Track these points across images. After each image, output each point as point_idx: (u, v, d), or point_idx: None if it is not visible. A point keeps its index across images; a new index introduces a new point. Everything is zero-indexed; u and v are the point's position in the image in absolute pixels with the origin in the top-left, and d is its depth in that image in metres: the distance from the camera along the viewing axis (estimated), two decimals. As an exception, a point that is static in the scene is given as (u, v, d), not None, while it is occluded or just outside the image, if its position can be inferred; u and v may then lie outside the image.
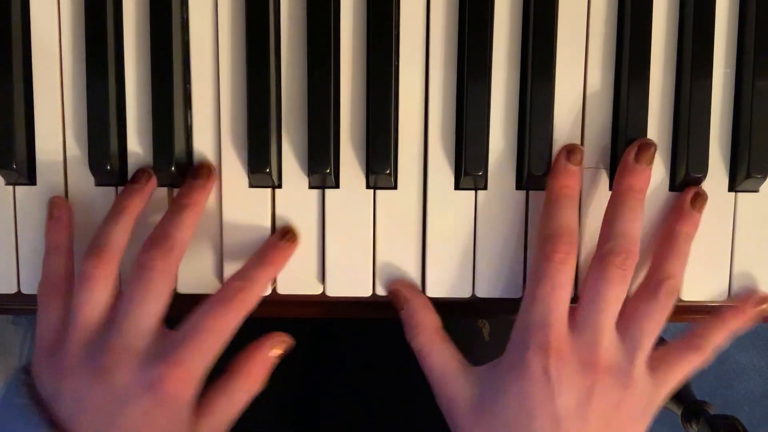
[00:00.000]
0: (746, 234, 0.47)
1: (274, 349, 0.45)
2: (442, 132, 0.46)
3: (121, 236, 0.43)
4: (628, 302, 0.44)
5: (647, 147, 0.45)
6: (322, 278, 0.47)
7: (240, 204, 0.46)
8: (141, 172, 0.45)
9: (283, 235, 0.46)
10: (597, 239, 0.46)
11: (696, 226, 0.46)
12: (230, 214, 0.47)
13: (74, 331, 0.42)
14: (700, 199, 0.46)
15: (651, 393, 0.44)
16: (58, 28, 0.46)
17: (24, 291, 0.47)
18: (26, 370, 0.44)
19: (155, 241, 0.43)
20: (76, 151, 0.46)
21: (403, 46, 0.46)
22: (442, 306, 0.47)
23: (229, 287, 0.44)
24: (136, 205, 0.44)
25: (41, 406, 0.41)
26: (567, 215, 0.44)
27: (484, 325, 0.61)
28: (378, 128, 0.45)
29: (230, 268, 0.47)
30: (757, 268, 0.47)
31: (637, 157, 0.44)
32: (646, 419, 0.44)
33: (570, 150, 0.45)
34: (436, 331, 0.46)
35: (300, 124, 0.46)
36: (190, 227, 0.44)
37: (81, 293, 0.42)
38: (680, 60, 0.46)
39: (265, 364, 0.45)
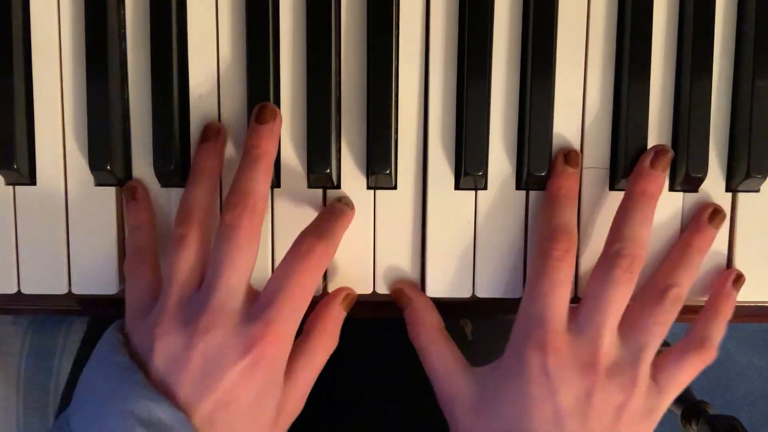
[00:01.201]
0: (746, 234, 0.47)
1: (344, 302, 0.46)
2: (442, 132, 0.46)
3: (204, 197, 0.44)
4: (631, 306, 0.44)
5: (664, 153, 0.45)
6: (323, 278, 0.47)
7: (240, 204, 0.46)
8: (209, 128, 0.45)
9: (339, 200, 0.46)
10: (596, 239, 0.46)
11: (710, 241, 0.46)
12: (230, 214, 0.47)
13: (170, 291, 0.42)
14: (718, 216, 0.46)
15: (655, 399, 0.44)
16: (58, 28, 0.46)
17: (24, 291, 0.47)
18: (119, 330, 0.44)
19: (237, 198, 0.42)
20: (76, 151, 0.46)
21: (403, 46, 0.46)
22: (442, 306, 0.47)
23: (305, 242, 0.43)
24: (213, 165, 0.45)
25: (132, 365, 0.41)
26: (565, 215, 0.44)
27: (466, 324, 0.61)
28: (378, 128, 0.45)
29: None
30: (757, 268, 0.47)
31: (653, 163, 0.45)
32: (649, 425, 0.44)
33: (567, 153, 0.46)
34: (438, 331, 0.46)
35: (300, 124, 0.46)
36: (268, 178, 0.44)
37: (175, 254, 0.43)
38: (680, 60, 0.46)
39: (339, 319, 0.46)
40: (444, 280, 0.47)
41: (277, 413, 0.43)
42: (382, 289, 0.47)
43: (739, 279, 0.47)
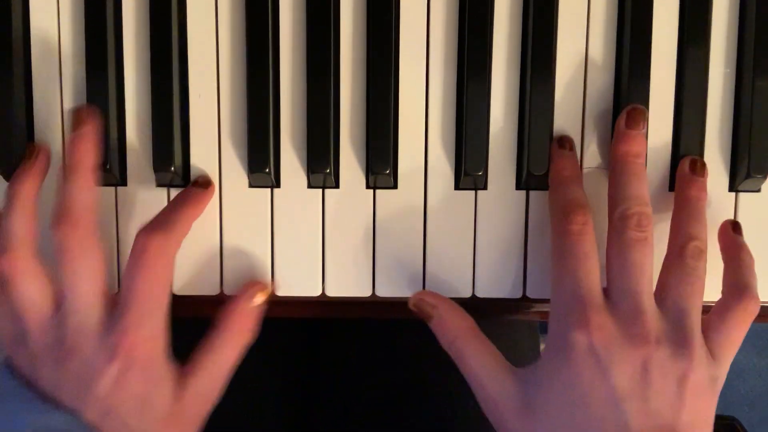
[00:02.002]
0: (746, 234, 0.47)
1: (255, 298, 0.45)
2: (442, 132, 0.46)
3: (24, 226, 0.43)
4: (659, 278, 0.43)
5: (636, 112, 0.44)
6: (322, 278, 0.47)
7: (240, 204, 0.46)
8: (564, 140, 0.45)
9: (194, 183, 0.46)
10: (599, 240, 0.46)
11: (703, 189, 0.44)
12: (230, 214, 0.47)
13: (27, 326, 0.42)
14: (697, 164, 0.45)
15: (713, 366, 0.41)
16: (58, 28, 0.46)
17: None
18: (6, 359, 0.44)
19: (61, 217, 0.42)
20: (76, 151, 0.46)
21: (403, 45, 0.46)
22: (442, 306, 0.47)
23: (138, 240, 0.42)
24: (27, 189, 0.43)
25: (29, 385, 0.42)
26: (573, 191, 0.44)
27: None
28: (378, 128, 0.45)
29: (230, 269, 0.47)
30: (757, 268, 0.47)
31: (628, 123, 0.44)
32: (714, 397, 0.41)
33: (559, 138, 0.46)
34: (472, 332, 0.44)
35: (300, 124, 0.46)
36: (87, 188, 0.43)
37: (11, 293, 0.42)
38: (680, 60, 0.46)
39: (250, 315, 0.45)
40: (444, 280, 0.47)
41: (175, 406, 0.43)
42: (382, 291, 0.47)
43: (736, 226, 0.46)
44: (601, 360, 0.39)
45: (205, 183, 0.46)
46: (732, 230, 0.46)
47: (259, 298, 0.46)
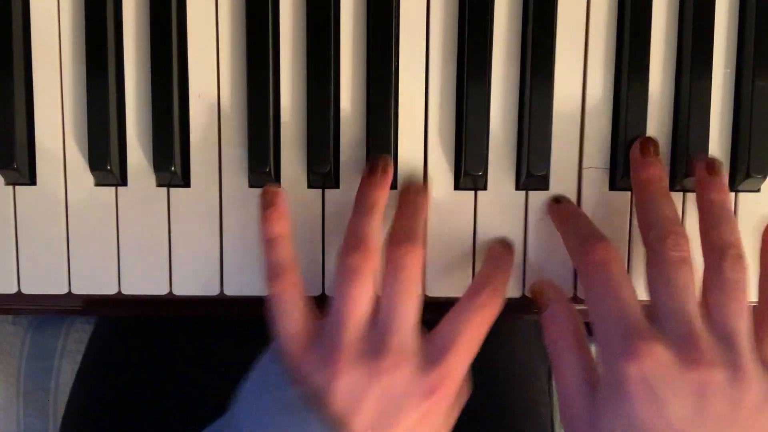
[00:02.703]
0: (746, 234, 0.47)
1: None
2: (442, 132, 0.46)
3: (377, 231, 0.43)
4: (702, 296, 0.41)
5: (647, 142, 0.45)
6: (322, 278, 0.47)
7: (240, 203, 0.46)
8: (376, 162, 0.45)
9: (504, 245, 0.46)
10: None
11: (724, 191, 0.43)
12: (230, 213, 0.47)
13: (346, 326, 0.41)
14: (715, 164, 0.44)
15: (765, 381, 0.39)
16: (58, 28, 0.46)
17: (24, 291, 0.47)
18: (277, 359, 0.42)
19: (403, 237, 0.42)
20: (76, 151, 0.46)
21: (403, 45, 0.46)
22: (442, 306, 0.47)
23: (480, 293, 0.42)
24: (383, 198, 0.44)
25: (308, 401, 0.40)
26: (588, 226, 0.44)
27: None
28: (378, 128, 0.45)
29: (230, 269, 0.47)
30: (757, 268, 0.47)
31: (643, 151, 0.44)
32: None
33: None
34: (576, 338, 0.42)
35: (300, 124, 0.46)
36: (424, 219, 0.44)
37: (352, 288, 0.41)
38: (680, 60, 0.46)
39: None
40: (444, 280, 0.47)
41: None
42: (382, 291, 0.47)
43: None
44: (655, 390, 0.38)
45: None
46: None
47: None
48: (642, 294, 0.42)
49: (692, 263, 0.40)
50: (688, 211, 0.47)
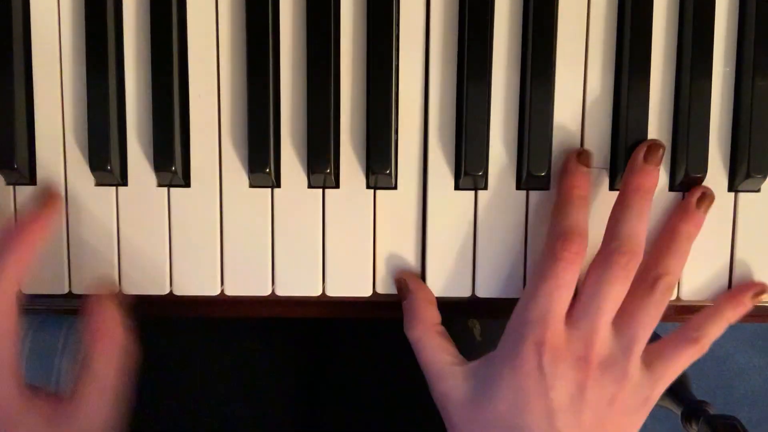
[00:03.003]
0: (746, 234, 0.47)
1: (110, 301, 0.45)
2: (442, 132, 0.46)
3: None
4: (624, 299, 0.44)
5: (656, 148, 0.45)
6: (322, 278, 0.47)
7: (240, 204, 0.46)
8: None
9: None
10: (596, 239, 0.46)
11: (699, 226, 0.45)
12: (230, 214, 0.47)
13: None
14: (706, 199, 0.46)
15: (646, 388, 0.44)
16: (58, 28, 0.46)
17: (25, 291, 0.47)
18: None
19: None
20: (76, 151, 0.46)
21: (403, 45, 0.46)
22: (442, 306, 0.47)
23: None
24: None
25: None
26: (579, 216, 0.44)
27: (474, 325, 0.61)
28: (378, 128, 0.45)
29: (230, 269, 0.47)
30: (757, 268, 0.47)
31: (646, 158, 0.44)
32: (642, 414, 0.44)
33: (579, 153, 0.46)
34: (434, 326, 0.46)
35: (300, 124, 0.46)
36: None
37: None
38: (680, 60, 0.46)
39: (109, 325, 0.44)
40: (444, 280, 0.47)
41: None
42: (382, 291, 0.47)
43: (761, 293, 0.47)
44: (546, 376, 0.42)
45: (46, 200, 0.45)
46: (753, 295, 0.47)
47: (114, 300, 0.44)
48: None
49: (629, 283, 0.43)
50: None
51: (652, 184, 0.45)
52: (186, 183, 0.46)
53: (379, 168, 0.45)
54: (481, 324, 0.61)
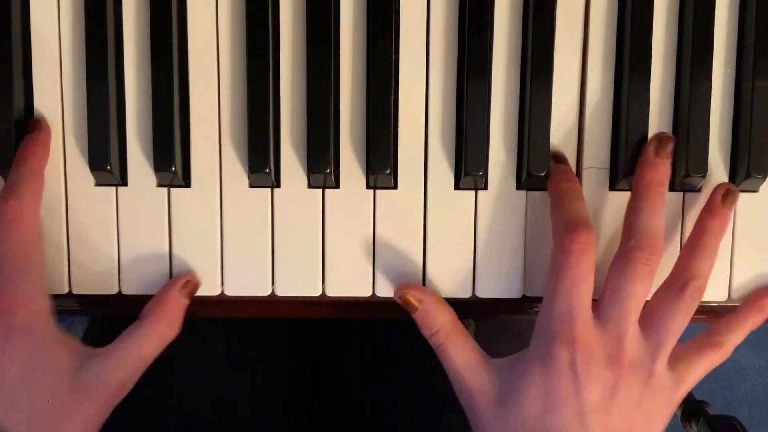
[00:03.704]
0: (746, 234, 0.47)
1: (184, 289, 0.46)
2: (442, 132, 0.46)
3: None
4: (652, 299, 0.44)
5: (667, 140, 0.45)
6: (322, 278, 0.47)
7: (240, 204, 0.46)
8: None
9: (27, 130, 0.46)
10: (599, 241, 0.46)
11: (725, 223, 0.45)
12: (230, 214, 0.47)
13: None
14: (731, 195, 0.45)
15: (671, 390, 0.44)
16: (58, 28, 0.46)
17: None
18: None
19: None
20: (76, 151, 0.46)
21: (403, 45, 0.46)
22: (442, 306, 0.47)
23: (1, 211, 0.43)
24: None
25: None
26: (578, 206, 0.44)
27: (469, 324, 0.61)
28: (378, 128, 0.45)
29: (230, 269, 0.47)
30: (757, 268, 0.47)
31: (658, 151, 0.44)
32: (666, 417, 0.44)
33: (554, 155, 0.46)
34: (453, 326, 0.46)
35: (300, 124, 0.46)
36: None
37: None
38: (680, 60, 0.46)
39: (177, 309, 0.45)
40: (444, 280, 0.47)
41: (70, 385, 0.42)
42: (382, 291, 0.47)
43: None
44: (578, 375, 0.42)
45: (33, 126, 0.45)
46: None
47: (189, 291, 0.46)
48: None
49: (653, 279, 0.43)
50: (686, 211, 0.47)
51: (665, 178, 0.44)
52: (186, 183, 0.46)
53: (379, 168, 0.45)
54: (476, 323, 0.61)
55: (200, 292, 0.47)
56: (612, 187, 0.47)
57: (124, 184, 0.46)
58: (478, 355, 0.45)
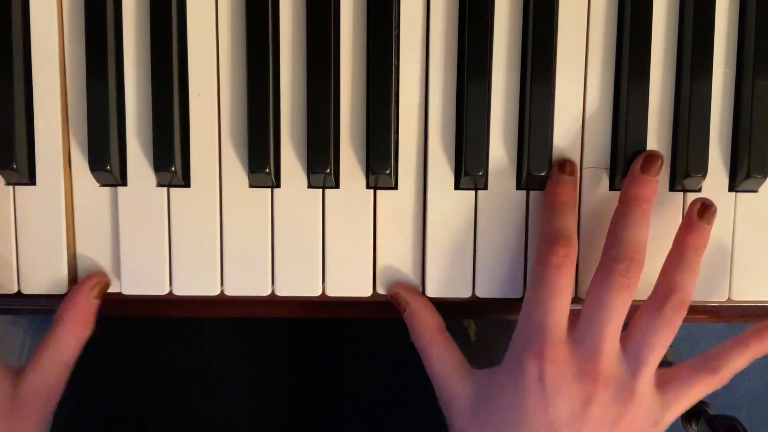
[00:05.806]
0: (746, 234, 0.47)
1: (92, 290, 0.46)
2: (442, 132, 0.46)
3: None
4: (634, 316, 0.43)
5: (654, 159, 0.44)
6: (322, 278, 0.47)
7: (240, 204, 0.46)
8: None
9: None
10: (597, 239, 0.46)
11: (705, 237, 0.44)
12: (230, 214, 0.47)
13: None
14: (707, 211, 0.45)
15: (657, 412, 0.43)
16: (58, 28, 0.46)
17: (24, 291, 0.47)
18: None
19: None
20: (76, 151, 0.46)
21: (403, 45, 0.46)
22: (442, 306, 0.47)
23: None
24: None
25: None
26: (563, 220, 0.44)
27: (470, 325, 0.61)
28: (378, 128, 0.45)
29: (230, 269, 0.47)
30: (756, 268, 0.47)
31: (644, 168, 0.44)
32: None
33: (562, 162, 0.45)
34: (438, 332, 0.46)
35: (300, 124, 0.46)
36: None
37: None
38: (680, 60, 0.46)
39: (88, 309, 0.46)
40: (444, 280, 0.47)
41: (11, 404, 0.43)
42: (381, 290, 0.47)
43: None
44: (546, 390, 0.42)
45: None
46: None
47: (99, 291, 0.46)
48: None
49: (633, 292, 0.42)
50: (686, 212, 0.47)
51: (650, 194, 0.44)
52: (186, 183, 0.46)
53: (379, 168, 0.45)
54: (476, 324, 0.61)
55: (200, 293, 0.47)
56: (612, 187, 0.47)
57: (124, 184, 0.46)
58: (459, 364, 0.46)
